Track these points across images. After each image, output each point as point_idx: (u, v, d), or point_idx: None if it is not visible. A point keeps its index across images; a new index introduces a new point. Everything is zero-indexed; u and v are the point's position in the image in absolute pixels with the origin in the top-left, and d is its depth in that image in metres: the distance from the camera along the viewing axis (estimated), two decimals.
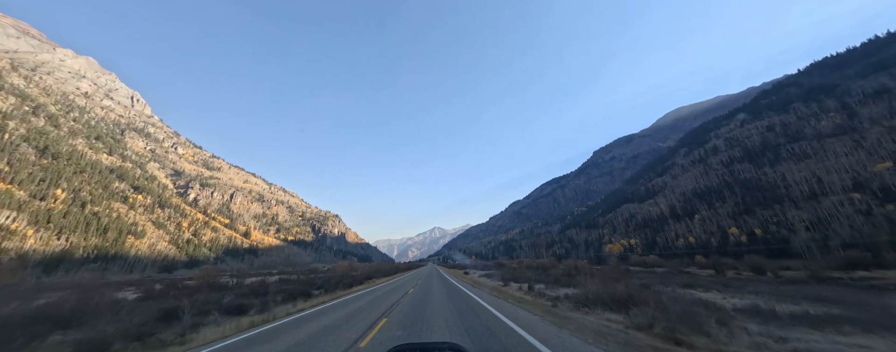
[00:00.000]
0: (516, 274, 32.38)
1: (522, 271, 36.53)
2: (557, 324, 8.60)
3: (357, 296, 19.05)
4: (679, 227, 79.33)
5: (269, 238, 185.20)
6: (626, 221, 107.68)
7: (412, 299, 15.73)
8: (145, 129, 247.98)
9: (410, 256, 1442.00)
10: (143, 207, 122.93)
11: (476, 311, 11.34)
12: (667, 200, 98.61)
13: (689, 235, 73.01)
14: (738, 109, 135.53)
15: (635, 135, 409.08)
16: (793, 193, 61.28)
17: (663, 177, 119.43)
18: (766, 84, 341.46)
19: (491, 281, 28.76)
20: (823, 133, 73.18)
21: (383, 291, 22.04)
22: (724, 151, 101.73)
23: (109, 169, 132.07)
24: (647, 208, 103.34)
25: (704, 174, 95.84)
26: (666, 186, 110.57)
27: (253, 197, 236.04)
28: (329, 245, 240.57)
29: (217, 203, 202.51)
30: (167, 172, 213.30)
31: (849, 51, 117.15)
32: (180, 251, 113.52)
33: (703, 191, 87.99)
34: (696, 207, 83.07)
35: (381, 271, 44.68)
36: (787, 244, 46.88)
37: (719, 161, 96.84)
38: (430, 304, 13.71)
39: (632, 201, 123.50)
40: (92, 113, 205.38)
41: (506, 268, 49.90)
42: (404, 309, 12.63)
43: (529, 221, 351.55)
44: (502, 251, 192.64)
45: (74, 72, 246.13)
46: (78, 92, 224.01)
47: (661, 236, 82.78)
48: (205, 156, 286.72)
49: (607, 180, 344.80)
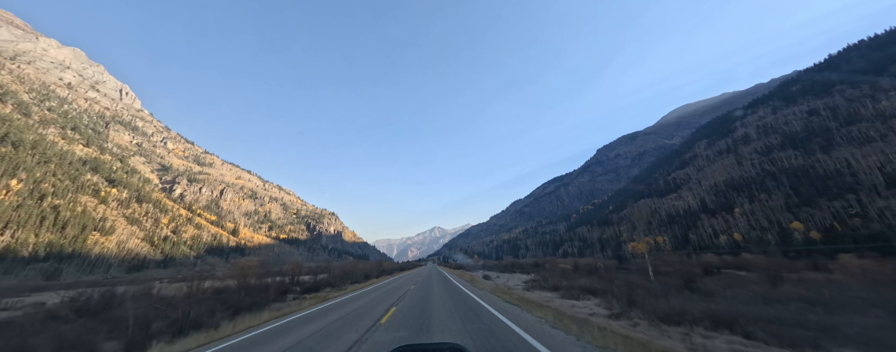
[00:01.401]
0: (554, 281, 22.41)
1: (561, 277, 26.34)
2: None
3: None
4: (716, 222, 69.24)
5: (259, 236, 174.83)
6: (647, 217, 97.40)
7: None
8: (133, 122, 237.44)
9: (410, 256, 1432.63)
10: (117, 202, 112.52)
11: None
12: (694, 194, 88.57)
13: (733, 230, 62.90)
14: (761, 99, 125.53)
15: (639, 132, 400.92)
16: (865, 180, 51.22)
17: (685, 169, 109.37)
18: (775, 80, 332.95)
19: (516, 291, 18.66)
20: (887, 113, 63.07)
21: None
22: (757, 140, 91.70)
23: (83, 161, 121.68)
24: (672, 203, 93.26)
25: (737, 164, 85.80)
26: (690, 178, 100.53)
27: (245, 194, 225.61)
28: (324, 244, 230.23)
29: (205, 199, 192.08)
30: (154, 166, 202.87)
31: (889, 32, 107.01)
32: (155, 249, 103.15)
33: (738, 182, 77.93)
34: (734, 199, 73.05)
35: (353, 275, 34.28)
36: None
37: (753, 150, 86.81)
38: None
39: (649, 196, 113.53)
40: (74, 104, 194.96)
41: (543, 270, 39.98)
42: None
43: (532, 219, 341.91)
44: (506, 250, 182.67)
45: (58, 62, 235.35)
46: (60, 83, 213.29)
47: (693, 233, 72.69)
48: (197, 151, 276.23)
49: (613, 178, 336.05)
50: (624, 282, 18.30)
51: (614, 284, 18.64)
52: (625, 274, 32.40)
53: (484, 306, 12.21)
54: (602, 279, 21.72)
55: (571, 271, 31.77)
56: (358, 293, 20.33)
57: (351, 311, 12.55)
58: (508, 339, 6.92)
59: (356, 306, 13.76)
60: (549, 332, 7.53)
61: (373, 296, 18.27)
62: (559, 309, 11.39)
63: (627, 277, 25.43)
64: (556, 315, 9.66)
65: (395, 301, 14.96)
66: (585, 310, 11.98)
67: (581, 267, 48.34)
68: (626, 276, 27.20)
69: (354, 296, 18.67)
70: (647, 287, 15.41)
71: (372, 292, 21.27)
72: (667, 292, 13.48)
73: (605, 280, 20.17)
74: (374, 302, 15.14)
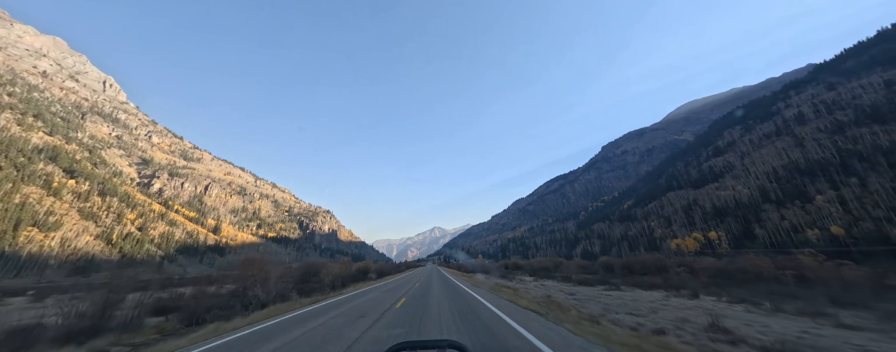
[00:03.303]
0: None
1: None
2: None
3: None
4: (792, 213, 55.28)
5: (244, 234, 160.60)
6: (684, 211, 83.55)
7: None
8: (114, 114, 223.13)
9: (409, 256, 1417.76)
10: (73, 195, 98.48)
11: None
12: (744, 182, 74.76)
13: (823, 222, 48.92)
14: (801, 81, 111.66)
15: (647, 128, 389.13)
16: None
17: (723, 157, 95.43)
18: (788, 74, 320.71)
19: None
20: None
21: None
22: (816, 119, 77.95)
23: (38, 149, 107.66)
24: (715, 193, 79.36)
25: (798, 146, 72.01)
26: (732, 166, 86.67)
27: (233, 190, 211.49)
28: (317, 243, 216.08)
29: (188, 195, 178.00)
30: (133, 160, 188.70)
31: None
32: (112, 248, 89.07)
33: (806, 166, 64.13)
34: (806, 186, 59.26)
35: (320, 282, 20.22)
36: None
37: (816, 129, 73.02)
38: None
39: (678, 188, 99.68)
40: (46, 93, 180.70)
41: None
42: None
43: (536, 218, 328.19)
44: (513, 250, 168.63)
45: (34, 50, 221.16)
46: (33, 71, 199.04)
47: (760, 227, 58.75)
48: (185, 146, 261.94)
49: (620, 175, 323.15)
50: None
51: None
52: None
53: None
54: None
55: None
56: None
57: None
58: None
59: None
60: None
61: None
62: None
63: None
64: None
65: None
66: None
67: (633, 267, 34.58)
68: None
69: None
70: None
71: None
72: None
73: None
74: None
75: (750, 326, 9.67)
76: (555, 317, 8.96)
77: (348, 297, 17.23)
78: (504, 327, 7.84)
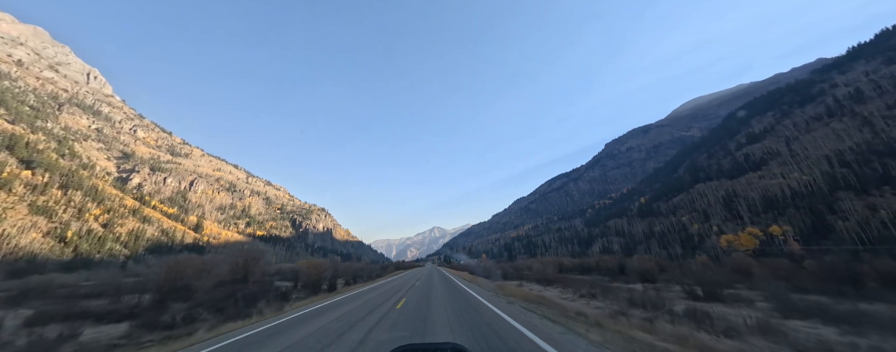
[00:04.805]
0: None
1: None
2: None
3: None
4: (885, 202, 44.35)
5: (228, 233, 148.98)
6: (724, 203, 72.49)
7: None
8: (95, 106, 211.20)
9: (409, 256, 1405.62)
10: (27, 187, 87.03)
11: None
12: (798, 168, 63.88)
13: None
14: (841, 61, 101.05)
15: (652, 125, 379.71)
16: None
17: (762, 143, 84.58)
18: (797, 69, 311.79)
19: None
20: None
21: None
22: (878, 97, 67.19)
23: None
24: (760, 183, 68.46)
25: (864, 126, 61.19)
26: (777, 152, 75.81)
27: (221, 186, 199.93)
28: (310, 242, 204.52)
29: (171, 191, 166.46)
30: (114, 153, 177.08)
31: None
32: (65, 247, 77.68)
33: (882, 147, 53.30)
34: (890, 169, 48.45)
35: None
36: None
37: (885, 106, 62.23)
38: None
39: (707, 180, 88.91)
40: (19, 81, 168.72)
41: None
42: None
43: (540, 216, 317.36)
44: (519, 249, 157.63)
45: (10, 38, 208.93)
46: (7, 59, 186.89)
47: (837, 219, 47.76)
48: (173, 142, 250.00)
49: (626, 172, 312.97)
50: None
51: None
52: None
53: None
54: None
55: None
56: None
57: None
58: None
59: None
60: None
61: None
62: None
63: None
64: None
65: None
66: None
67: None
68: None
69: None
70: None
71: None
72: None
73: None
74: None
75: None
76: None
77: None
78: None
